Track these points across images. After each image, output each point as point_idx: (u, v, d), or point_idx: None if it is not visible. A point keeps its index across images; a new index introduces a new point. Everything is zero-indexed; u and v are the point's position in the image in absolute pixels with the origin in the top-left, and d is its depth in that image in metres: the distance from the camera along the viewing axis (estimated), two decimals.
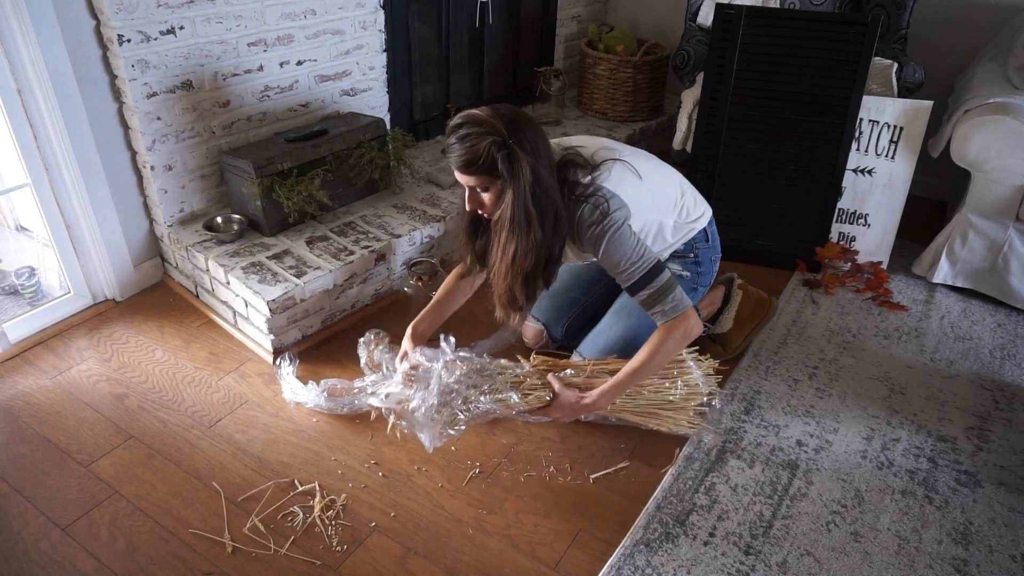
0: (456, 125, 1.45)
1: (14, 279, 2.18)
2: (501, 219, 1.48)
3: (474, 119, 1.43)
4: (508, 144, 1.41)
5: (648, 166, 1.67)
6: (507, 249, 1.50)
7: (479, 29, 2.87)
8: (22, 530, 1.48)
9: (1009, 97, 2.13)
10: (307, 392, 1.79)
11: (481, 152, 1.41)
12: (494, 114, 1.44)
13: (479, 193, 1.50)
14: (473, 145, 1.41)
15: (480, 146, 1.41)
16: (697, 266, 1.83)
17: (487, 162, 1.42)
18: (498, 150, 1.41)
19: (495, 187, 1.47)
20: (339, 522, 1.52)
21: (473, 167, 1.43)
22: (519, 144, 1.42)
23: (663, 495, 1.60)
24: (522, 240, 1.48)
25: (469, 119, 1.44)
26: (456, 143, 1.43)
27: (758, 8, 2.35)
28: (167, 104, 1.99)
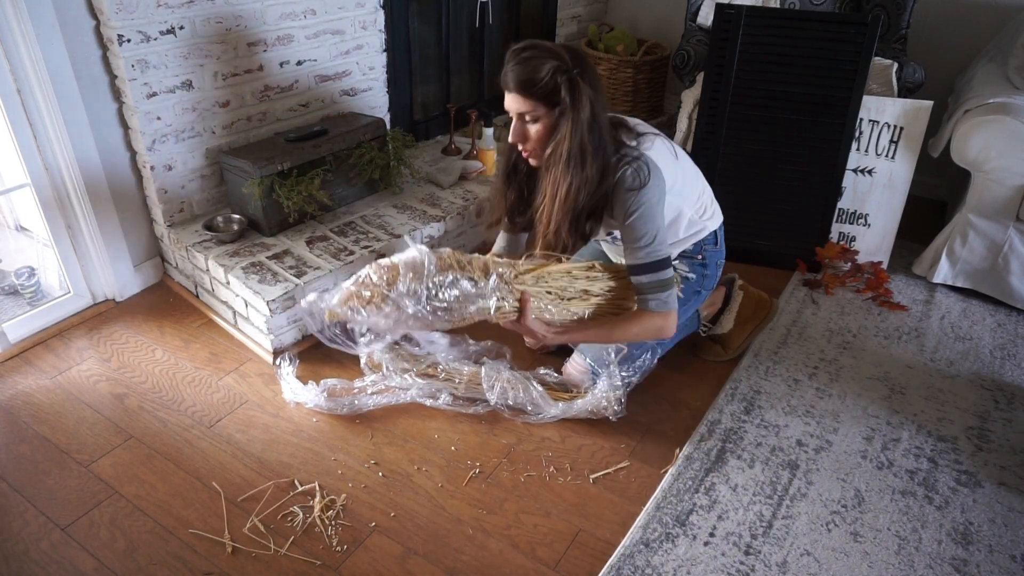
0: (519, 48, 1.42)
1: (14, 279, 2.18)
2: (556, 152, 1.44)
3: (539, 44, 1.41)
4: (571, 72, 1.38)
5: (681, 153, 1.67)
6: (561, 184, 1.45)
7: (479, 29, 2.87)
8: (22, 530, 1.48)
9: (1009, 97, 2.13)
10: (307, 392, 1.79)
11: (543, 75, 1.38)
12: (559, 45, 1.42)
13: (527, 124, 1.46)
14: (536, 67, 1.38)
15: (543, 69, 1.38)
16: (703, 268, 1.83)
17: (547, 87, 1.39)
18: (561, 76, 1.38)
19: (547, 118, 1.43)
20: (339, 522, 1.52)
21: (531, 89, 1.40)
22: (581, 76, 1.39)
23: (663, 495, 1.60)
24: (576, 175, 1.44)
25: (533, 44, 1.41)
26: (517, 64, 1.40)
27: (758, 8, 2.35)
28: (167, 104, 1.99)
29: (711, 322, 2.04)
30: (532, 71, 1.39)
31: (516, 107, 1.45)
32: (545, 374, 1.87)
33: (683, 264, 1.83)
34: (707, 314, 2.03)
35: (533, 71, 1.39)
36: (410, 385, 1.84)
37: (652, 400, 1.88)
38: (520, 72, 1.40)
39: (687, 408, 1.87)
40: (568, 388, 1.85)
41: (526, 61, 1.39)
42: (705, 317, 2.02)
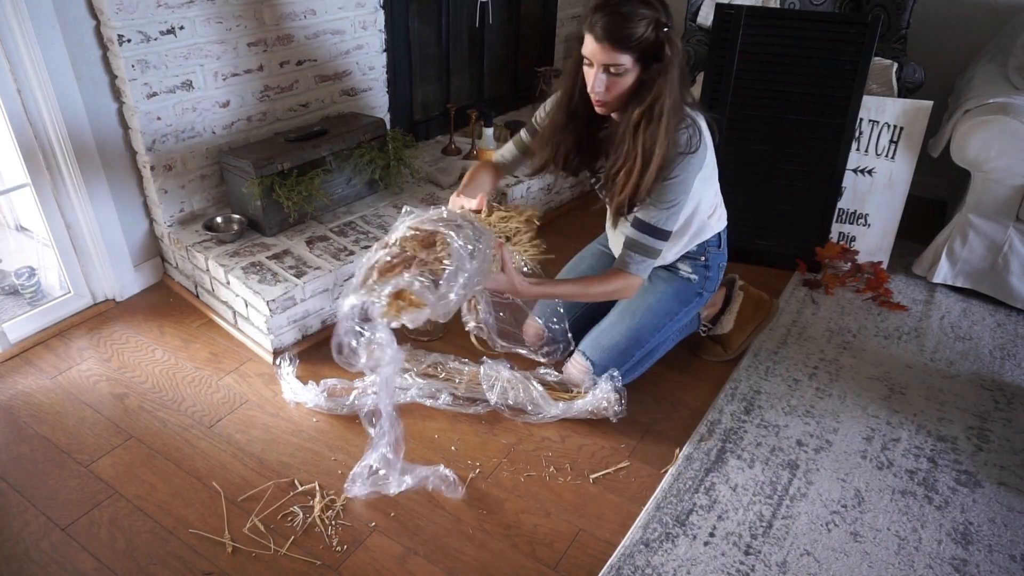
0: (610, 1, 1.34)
1: (14, 279, 2.18)
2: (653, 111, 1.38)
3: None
4: (669, 26, 1.34)
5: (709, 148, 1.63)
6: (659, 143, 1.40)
7: (479, 29, 2.87)
8: (22, 530, 1.48)
9: (1009, 97, 2.13)
10: (307, 392, 1.79)
11: (642, 30, 1.33)
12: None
13: (612, 75, 1.39)
14: (633, 19, 1.32)
15: (641, 23, 1.32)
16: (706, 270, 1.83)
17: (645, 42, 1.34)
18: (661, 31, 1.34)
19: (635, 72, 1.38)
20: (339, 522, 1.52)
21: (626, 44, 1.34)
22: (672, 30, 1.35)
23: (663, 495, 1.60)
24: (671, 134, 1.40)
25: None
26: (610, 15, 1.32)
27: (758, 8, 2.35)
28: (167, 104, 1.99)
29: (711, 322, 2.04)
30: (629, 24, 1.31)
31: (604, 59, 1.37)
32: (545, 374, 1.87)
33: (686, 265, 1.83)
34: (707, 314, 2.03)
35: (631, 24, 1.31)
36: (410, 385, 1.84)
37: (652, 400, 1.88)
38: (615, 23, 1.32)
39: (687, 408, 1.87)
40: (568, 388, 1.85)
41: (621, 13, 1.31)
42: (705, 317, 2.02)
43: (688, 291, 1.84)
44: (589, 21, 1.37)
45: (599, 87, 1.42)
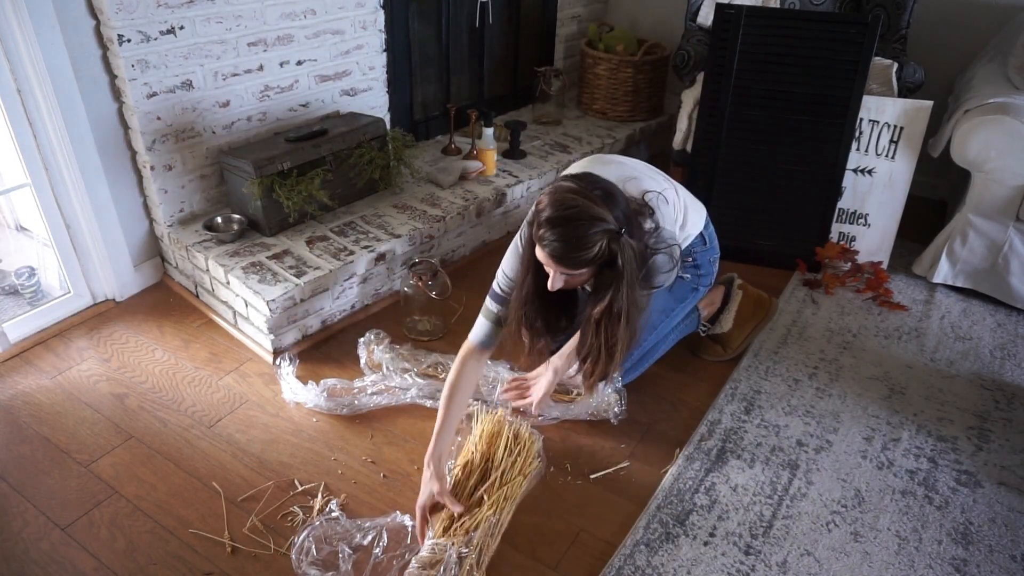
0: (557, 218, 1.30)
1: (14, 279, 2.18)
2: (612, 312, 1.40)
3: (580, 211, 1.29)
4: (620, 235, 1.31)
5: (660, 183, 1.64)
6: (623, 338, 1.43)
7: (479, 29, 2.87)
8: (22, 530, 1.48)
9: (1009, 97, 2.13)
10: (307, 392, 1.79)
11: (596, 252, 1.31)
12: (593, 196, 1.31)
13: (572, 277, 1.40)
14: (587, 246, 1.30)
15: (595, 247, 1.30)
16: (696, 268, 1.83)
17: (599, 259, 1.32)
18: (613, 244, 1.31)
19: (591, 272, 1.39)
20: None
21: (583, 267, 1.34)
22: (624, 229, 1.32)
23: (663, 495, 1.60)
24: (635, 320, 1.43)
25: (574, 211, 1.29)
26: (561, 242, 1.30)
27: (758, 8, 2.35)
28: (167, 104, 1.99)
29: (710, 321, 2.04)
30: (580, 248, 1.30)
31: (560, 271, 1.38)
32: None
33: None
34: (706, 313, 2.03)
35: (581, 248, 1.30)
36: (410, 385, 1.84)
37: (652, 400, 1.88)
38: (566, 251, 1.30)
39: (687, 408, 1.86)
40: (568, 389, 1.85)
41: (572, 239, 1.29)
42: (704, 317, 2.02)
43: (683, 288, 1.84)
44: (539, 236, 1.33)
45: (557, 286, 1.41)
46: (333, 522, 1.47)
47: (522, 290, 1.53)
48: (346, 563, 1.38)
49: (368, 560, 1.41)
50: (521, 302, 1.54)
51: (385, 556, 1.42)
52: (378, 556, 1.41)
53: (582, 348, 1.53)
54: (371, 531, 1.45)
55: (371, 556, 1.41)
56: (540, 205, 1.35)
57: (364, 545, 1.44)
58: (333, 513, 1.50)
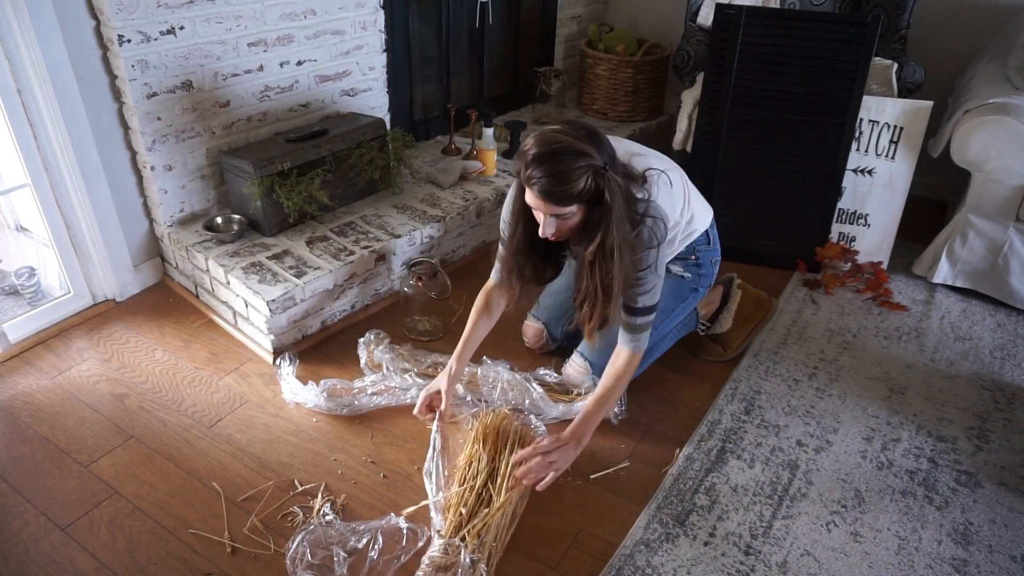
0: (541, 154, 1.32)
1: (14, 279, 2.18)
2: (605, 249, 1.40)
3: (564, 147, 1.31)
4: (605, 169, 1.33)
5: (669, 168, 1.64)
6: (617, 276, 1.43)
7: (479, 29, 2.87)
8: (22, 530, 1.48)
9: (1009, 97, 2.13)
10: (307, 392, 1.79)
11: (580, 185, 1.32)
12: (577, 135, 1.33)
13: (562, 221, 1.41)
14: (570, 177, 1.31)
15: (579, 178, 1.31)
16: (698, 268, 1.83)
17: (585, 193, 1.33)
18: (599, 179, 1.32)
19: (582, 213, 1.39)
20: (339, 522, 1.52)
21: (567, 200, 1.34)
22: (612, 167, 1.34)
23: (663, 495, 1.60)
24: (627, 262, 1.43)
25: (558, 146, 1.31)
26: (547, 177, 1.32)
27: (758, 8, 2.35)
28: (167, 104, 1.99)
29: (710, 321, 2.04)
30: (567, 183, 1.31)
31: (548, 211, 1.39)
32: (545, 375, 1.87)
33: (677, 265, 1.83)
34: (705, 313, 2.03)
35: (568, 183, 1.31)
36: (410, 385, 1.84)
37: (652, 400, 1.88)
38: (553, 184, 1.32)
39: (687, 408, 1.87)
40: (568, 389, 1.85)
41: (558, 172, 1.30)
42: (704, 316, 2.02)
43: (683, 288, 1.84)
44: (526, 176, 1.35)
45: (549, 231, 1.43)
46: (327, 526, 1.47)
47: (513, 241, 1.57)
48: (341, 567, 1.38)
49: (364, 563, 1.41)
50: (512, 252, 1.58)
51: (381, 559, 1.41)
52: (373, 559, 1.41)
53: (578, 294, 1.53)
54: (366, 534, 1.45)
55: (367, 559, 1.41)
56: (526, 147, 1.37)
57: (359, 548, 1.43)
58: (327, 516, 1.49)
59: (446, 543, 1.40)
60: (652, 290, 1.55)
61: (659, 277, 1.55)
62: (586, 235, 1.44)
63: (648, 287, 1.54)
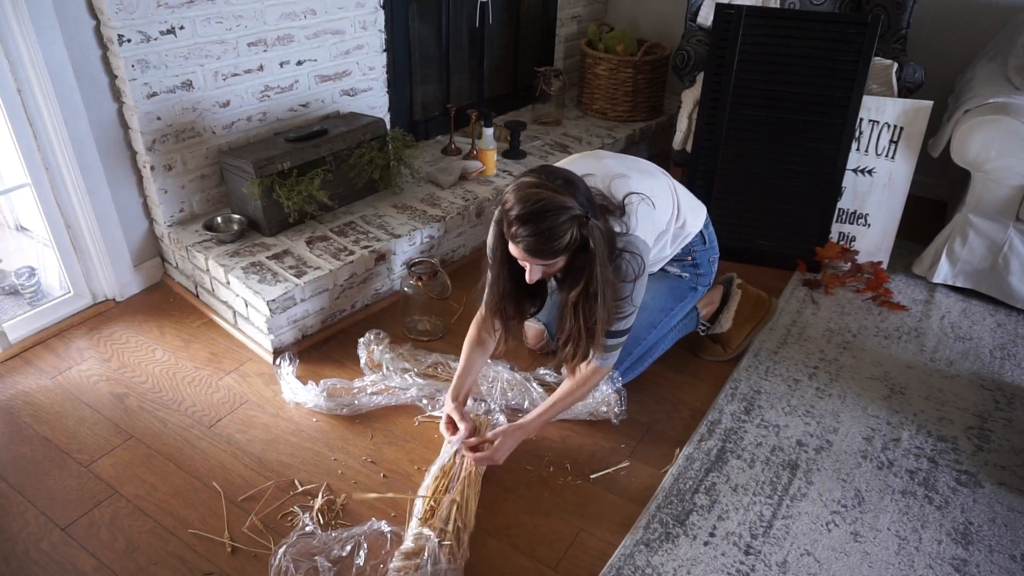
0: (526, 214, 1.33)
1: (14, 279, 2.18)
2: (589, 293, 1.43)
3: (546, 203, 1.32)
4: (587, 218, 1.35)
5: (653, 185, 1.64)
6: (600, 317, 1.46)
7: (479, 29, 2.87)
8: (22, 530, 1.48)
9: (1009, 97, 2.13)
10: (307, 392, 1.79)
11: (568, 240, 1.34)
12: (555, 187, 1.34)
13: (548, 268, 1.44)
14: (555, 234, 1.33)
15: (567, 235, 1.33)
16: (695, 268, 1.83)
17: (572, 246, 1.36)
18: (582, 230, 1.35)
19: (567, 258, 1.42)
20: (339, 522, 1.52)
21: (558, 255, 1.38)
22: (592, 212, 1.36)
23: (663, 495, 1.60)
24: (608, 304, 1.45)
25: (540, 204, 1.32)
26: (534, 237, 1.34)
27: (758, 8, 2.35)
28: (167, 104, 1.99)
29: (710, 321, 2.04)
30: (553, 240, 1.33)
31: (536, 263, 1.42)
32: (545, 374, 1.87)
33: (674, 266, 1.83)
34: (705, 313, 2.03)
35: (554, 240, 1.33)
36: (410, 385, 1.84)
37: (652, 400, 1.88)
38: (539, 243, 1.34)
39: (687, 408, 1.87)
40: None
41: (543, 232, 1.32)
42: (704, 316, 2.02)
43: (682, 287, 1.84)
44: (511, 234, 1.37)
45: (535, 278, 1.46)
46: (309, 536, 1.45)
47: (497, 286, 1.58)
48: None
49: (350, 571, 1.40)
50: (497, 297, 1.59)
51: (367, 565, 1.41)
52: (359, 565, 1.40)
53: (561, 334, 1.55)
54: (349, 541, 1.44)
55: (352, 566, 1.40)
56: (507, 204, 1.38)
57: (344, 556, 1.42)
58: (307, 527, 1.47)
59: (415, 534, 1.41)
60: (627, 317, 1.57)
61: (635, 306, 1.57)
62: (570, 278, 1.46)
63: (623, 315, 1.56)
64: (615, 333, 1.58)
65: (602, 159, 1.65)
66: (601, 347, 1.56)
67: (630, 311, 1.56)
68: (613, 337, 1.58)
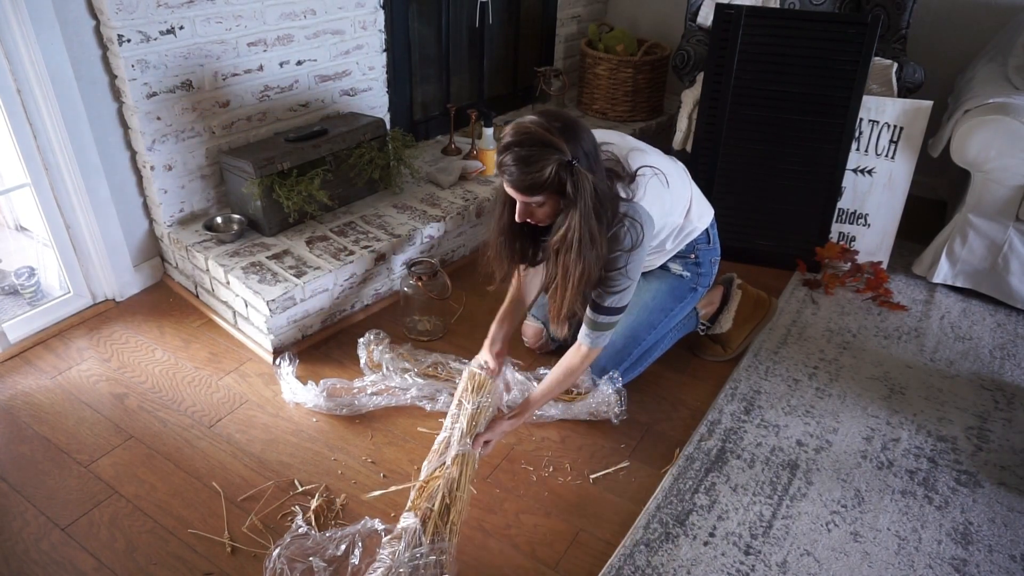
0: (512, 143, 1.37)
1: (14, 279, 2.18)
2: (566, 241, 1.43)
3: (533, 137, 1.35)
4: (572, 165, 1.35)
5: (672, 169, 1.64)
6: (574, 269, 1.45)
7: (479, 29, 2.87)
8: (22, 530, 1.48)
9: (1009, 97, 2.13)
10: (307, 392, 1.79)
11: (546, 175, 1.35)
12: (550, 127, 1.35)
13: (534, 208, 1.44)
14: (537, 167, 1.34)
15: (545, 169, 1.34)
16: (697, 267, 1.83)
17: (551, 184, 1.36)
18: (563, 171, 1.35)
19: (552, 201, 1.42)
20: (339, 522, 1.52)
21: (535, 189, 1.38)
22: (581, 161, 1.37)
23: (663, 495, 1.60)
24: (588, 257, 1.44)
25: (527, 136, 1.35)
26: (515, 165, 1.36)
27: (758, 8, 2.35)
28: (167, 104, 1.99)
29: (710, 321, 2.04)
30: (533, 173, 1.35)
31: (519, 198, 1.43)
32: (545, 374, 1.87)
33: (676, 264, 1.83)
34: (705, 313, 2.03)
35: (534, 173, 1.35)
36: (410, 385, 1.84)
37: (652, 400, 1.88)
38: (520, 175, 1.36)
39: (687, 408, 1.87)
40: (568, 389, 1.85)
41: (524, 161, 1.35)
42: (704, 316, 2.02)
43: (682, 287, 1.84)
44: (499, 163, 1.40)
45: (522, 216, 1.48)
46: (303, 537, 1.44)
47: (499, 222, 1.59)
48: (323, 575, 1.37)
49: (345, 570, 1.40)
50: (497, 232, 1.61)
51: (363, 563, 1.40)
52: (355, 564, 1.40)
53: (546, 279, 1.57)
54: (344, 540, 1.43)
55: (348, 565, 1.40)
56: (503, 136, 1.41)
57: (339, 555, 1.42)
58: (300, 529, 1.46)
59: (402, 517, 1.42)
60: (622, 292, 1.54)
61: (631, 280, 1.54)
62: (555, 225, 1.47)
63: (618, 289, 1.53)
64: (608, 310, 1.55)
65: (626, 137, 1.66)
66: (590, 322, 1.55)
67: (625, 285, 1.54)
68: (606, 314, 1.56)
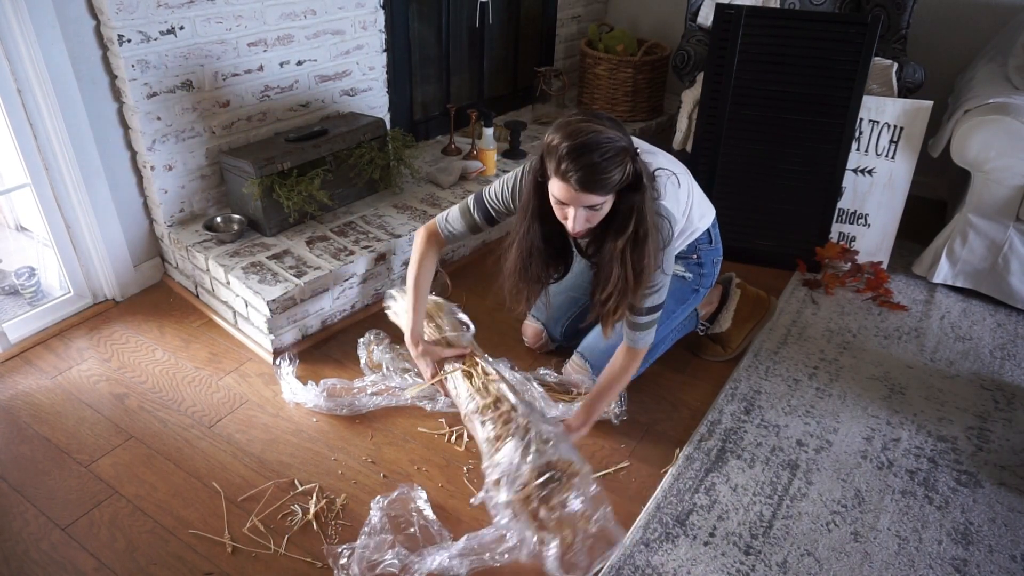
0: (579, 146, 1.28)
1: (14, 279, 2.18)
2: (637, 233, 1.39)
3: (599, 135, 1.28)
4: (637, 154, 1.32)
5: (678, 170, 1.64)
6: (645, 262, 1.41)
7: (479, 29, 2.87)
8: (22, 530, 1.48)
9: (1009, 97, 2.13)
10: (307, 392, 1.79)
11: (621, 175, 1.31)
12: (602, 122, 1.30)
13: (594, 212, 1.38)
14: (616, 164, 1.29)
15: (619, 166, 1.29)
16: (700, 267, 1.83)
17: (627, 178, 1.32)
18: (633, 163, 1.32)
19: (611, 200, 1.38)
20: (339, 522, 1.52)
21: (611, 188, 1.33)
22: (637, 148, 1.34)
23: (663, 495, 1.60)
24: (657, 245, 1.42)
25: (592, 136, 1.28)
26: (586, 168, 1.28)
27: (758, 8, 2.35)
28: (167, 104, 1.99)
29: (709, 321, 2.04)
30: (607, 172, 1.29)
31: (584, 203, 1.35)
32: (545, 374, 1.87)
33: (679, 264, 1.83)
34: (705, 313, 2.03)
35: (608, 172, 1.29)
36: (410, 385, 1.84)
37: (652, 400, 1.88)
38: (593, 175, 1.29)
39: (687, 408, 1.87)
40: (568, 389, 1.85)
41: (596, 163, 1.28)
42: (703, 316, 2.02)
43: (684, 289, 1.84)
44: (561, 170, 1.31)
45: (580, 226, 1.39)
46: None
47: (525, 241, 1.51)
48: None
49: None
50: (527, 252, 1.53)
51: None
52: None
53: (603, 289, 1.49)
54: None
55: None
56: (553, 141, 1.32)
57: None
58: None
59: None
60: (659, 290, 1.54)
61: (666, 276, 1.53)
62: (616, 222, 1.42)
63: (656, 287, 1.52)
64: (647, 309, 1.54)
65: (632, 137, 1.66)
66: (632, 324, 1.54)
67: (662, 282, 1.52)
68: (646, 314, 1.54)
